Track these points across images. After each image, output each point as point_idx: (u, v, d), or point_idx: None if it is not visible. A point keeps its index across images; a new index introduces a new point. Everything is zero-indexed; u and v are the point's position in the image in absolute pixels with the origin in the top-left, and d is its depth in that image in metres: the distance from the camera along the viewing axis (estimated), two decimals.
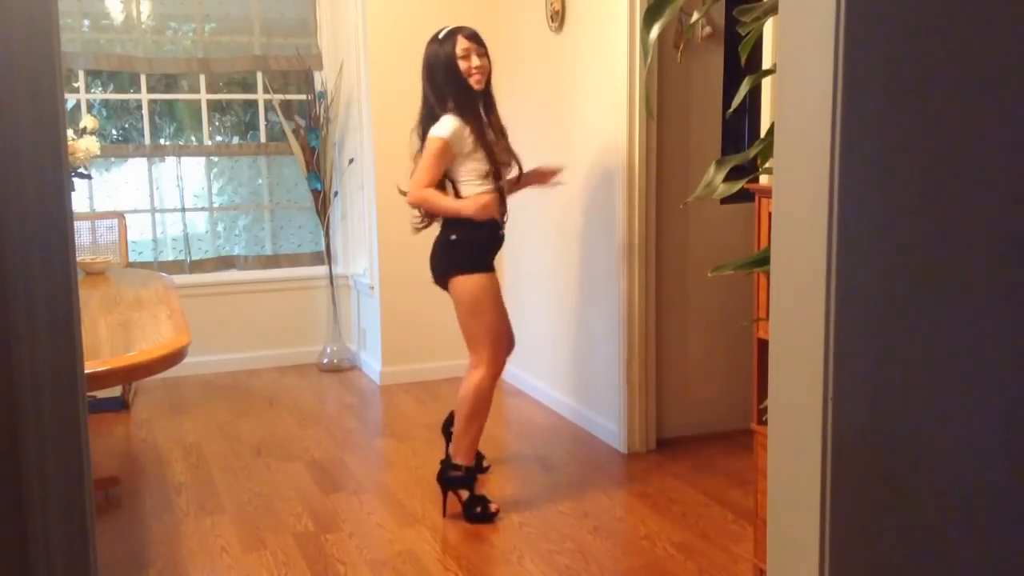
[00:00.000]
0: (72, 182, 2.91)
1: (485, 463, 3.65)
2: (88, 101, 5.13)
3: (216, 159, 5.46)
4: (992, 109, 1.18)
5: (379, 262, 4.93)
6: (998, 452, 1.23)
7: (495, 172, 3.27)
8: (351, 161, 5.31)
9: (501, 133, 3.39)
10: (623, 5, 3.71)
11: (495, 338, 3.29)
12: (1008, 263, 1.20)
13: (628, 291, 3.86)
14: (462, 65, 3.24)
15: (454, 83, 3.25)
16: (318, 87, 5.34)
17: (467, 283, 3.24)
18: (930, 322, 1.19)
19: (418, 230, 3.42)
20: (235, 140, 5.53)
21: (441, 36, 3.34)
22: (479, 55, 3.27)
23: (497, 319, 3.31)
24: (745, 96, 1.99)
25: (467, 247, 3.25)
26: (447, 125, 3.20)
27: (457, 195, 3.29)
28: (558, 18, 4.25)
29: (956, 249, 1.19)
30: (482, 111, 3.30)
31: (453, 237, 3.26)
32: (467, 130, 3.21)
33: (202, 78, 5.27)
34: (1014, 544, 1.25)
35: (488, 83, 3.34)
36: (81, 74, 5.05)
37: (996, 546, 1.25)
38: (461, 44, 3.25)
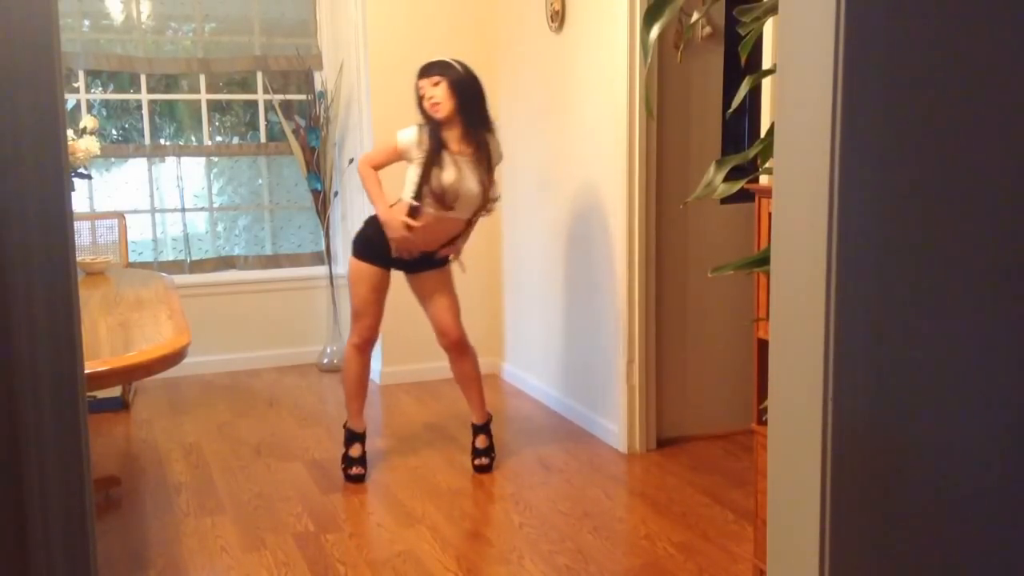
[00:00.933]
0: (72, 182, 2.90)
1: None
2: (88, 101, 5.13)
3: (216, 159, 5.46)
4: (993, 108, 1.18)
5: None
6: (999, 452, 1.23)
7: (419, 198, 3.51)
8: (351, 161, 5.31)
9: (473, 169, 3.53)
10: (623, 5, 3.71)
11: (355, 315, 3.68)
12: (1009, 263, 1.21)
13: (628, 291, 3.86)
14: (424, 104, 3.52)
15: (425, 118, 3.55)
16: (318, 87, 5.34)
17: (350, 264, 3.69)
18: (930, 321, 1.19)
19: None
20: (235, 140, 5.53)
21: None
22: (432, 86, 3.49)
23: (360, 302, 3.65)
24: (745, 96, 1.99)
25: (362, 236, 3.68)
26: (407, 134, 3.55)
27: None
28: (558, 18, 4.25)
29: (956, 248, 1.19)
30: (446, 144, 3.50)
31: (361, 226, 3.73)
32: (421, 148, 3.50)
33: (202, 78, 5.27)
34: (1015, 543, 1.25)
35: (468, 122, 3.49)
36: (81, 74, 5.05)
37: (997, 546, 1.25)
38: (418, 85, 3.55)
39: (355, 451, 3.70)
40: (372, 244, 3.62)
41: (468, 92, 3.49)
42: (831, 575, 1.17)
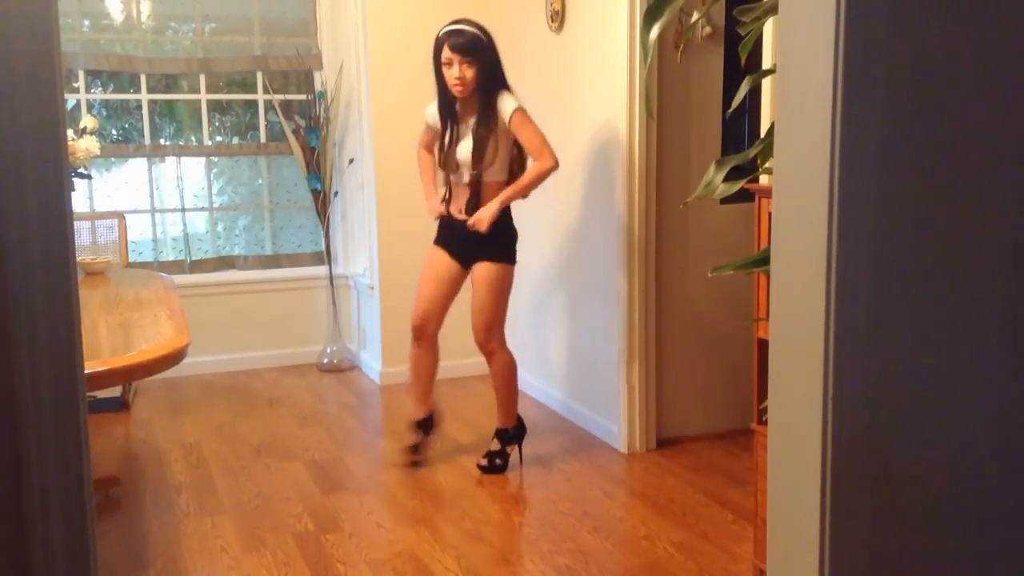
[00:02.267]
0: (72, 182, 2.91)
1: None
2: (88, 101, 5.13)
3: (216, 159, 5.46)
4: (993, 108, 1.18)
5: (379, 262, 4.94)
6: (998, 451, 1.23)
7: (443, 167, 3.66)
8: (351, 161, 5.31)
9: (475, 134, 3.53)
10: (623, 5, 3.71)
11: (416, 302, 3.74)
12: (1009, 263, 1.21)
13: (628, 291, 3.86)
14: (444, 71, 3.49)
15: (438, 81, 3.56)
16: (318, 87, 5.34)
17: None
18: (930, 322, 1.19)
19: None
20: (235, 140, 5.53)
21: (440, 33, 3.53)
22: (463, 64, 3.44)
23: (420, 283, 3.73)
24: (745, 96, 1.99)
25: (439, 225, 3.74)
26: (429, 113, 3.70)
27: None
28: (558, 18, 4.25)
29: (956, 248, 1.19)
30: (456, 114, 3.58)
31: None
32: (436, 118, 3.65)
33: (202, 78, 5.27)
34: (1014, 543, 1.25)
35: (482, 89, 3.50)
36: (81, 74, 5.05)
37: (996, 545, 1.25)
38: (445, 53, 3.47)
39: (410, 439, 3.77)
40: (440, 228, 3.72)
41: (492, 70, 3.51)
42: (831, 575, 1.17)
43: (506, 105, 3.49)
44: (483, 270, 3.59)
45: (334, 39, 5.38)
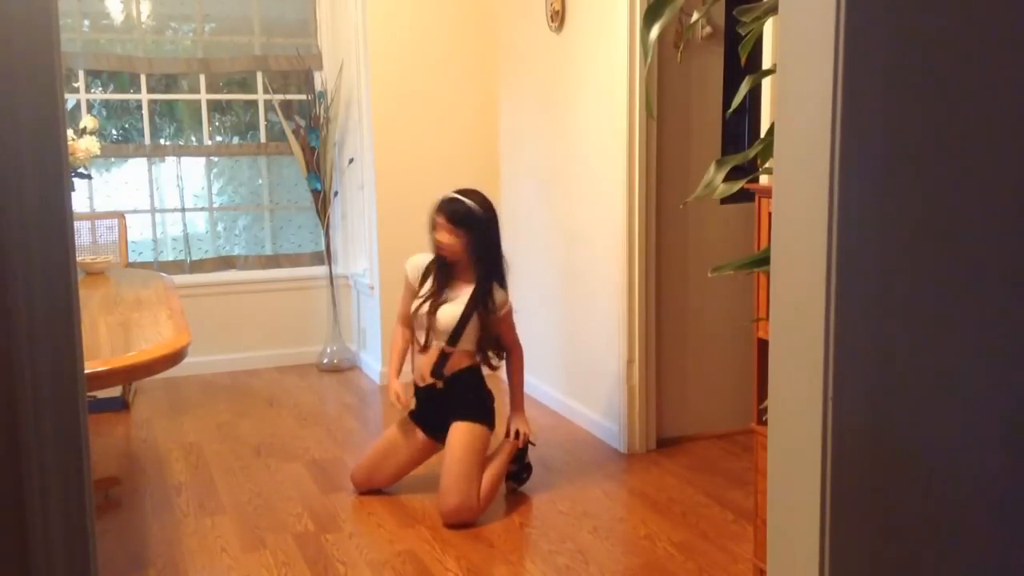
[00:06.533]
0: (72, 182, 2.91)
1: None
2: (88, 101, 5.13)
3: (216, 159, 5.46)
4: (993, 108, 1.18)
5: (379, 262, 4.94)
6: (998, 451, 1.23)
7: (412, 322, 3.46)
8: (351, 161, 5.31)
9: (468, 309, 3.37)
10: (623, 5, 3.71)
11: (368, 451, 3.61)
12: (1009, 262, 1.20)
13: (628, 291, 3.86)
14: (434, 235, 3.41)
15: (434, 250, 3.46)
16: (318, 87, 5.34)
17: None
18: (930, 321, 1.19)
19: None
20: (235, 140, 5.53)
21: (440, 199, 3.44)
22: (449, 232, 3.36)
23: (381, 451, 3.53)
24: (745, 96, 1.99)
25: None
26: (413, 260, 3.53)
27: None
28: (558, 18, 4.25)
29: (956, 248, 1.19)
30: (448, 276, 3.42)
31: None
32: (422, 271, 3.46)
33: (202, 78, 5.27)
34: (1015, 543, 1.25)
35: (478, 262, 3.39)
36: (81, 74, 5.05)
37: (996, 545, 1.25)
38: (436, 218, 3.40)
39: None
40: (417, 402, 3.50)
41: (485, 244, 3.41)
42: (831, 575, 1.18)
43: (500, 299, 3.44)
44: (462, 429, 3.35)
45: (334, 39, 5.38)
